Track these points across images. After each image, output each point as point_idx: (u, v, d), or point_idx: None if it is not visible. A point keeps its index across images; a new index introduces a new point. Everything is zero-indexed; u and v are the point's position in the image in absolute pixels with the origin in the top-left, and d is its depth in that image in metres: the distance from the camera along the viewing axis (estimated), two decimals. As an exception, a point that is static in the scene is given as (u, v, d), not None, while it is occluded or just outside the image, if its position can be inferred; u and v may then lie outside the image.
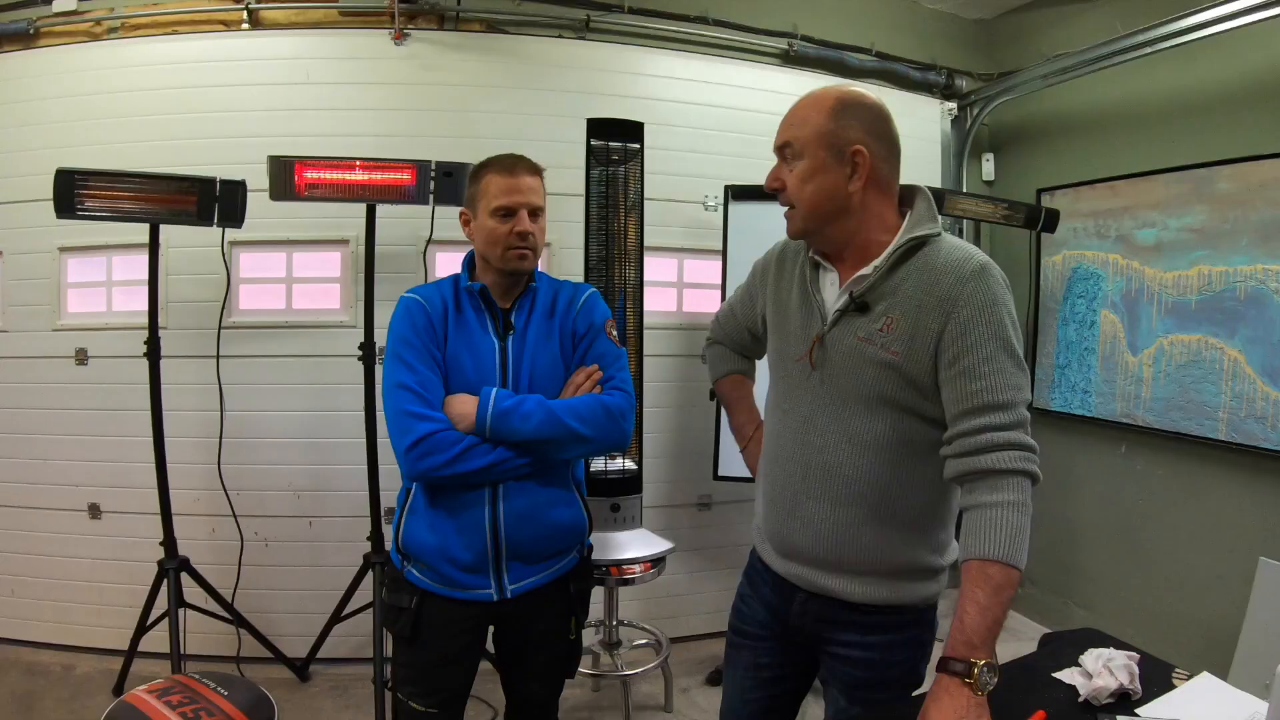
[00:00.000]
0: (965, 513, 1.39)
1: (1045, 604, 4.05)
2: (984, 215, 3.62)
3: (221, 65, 3.29)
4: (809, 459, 1.54)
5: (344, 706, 3.12)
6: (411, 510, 1.84)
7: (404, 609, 1.85)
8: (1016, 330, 1.42)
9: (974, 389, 1.37)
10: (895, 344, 1.44)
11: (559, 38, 3.51)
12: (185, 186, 2.71)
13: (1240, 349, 3.05)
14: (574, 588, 1.97)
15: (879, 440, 1.48)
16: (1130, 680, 1.47)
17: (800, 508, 1.56)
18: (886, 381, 1.45)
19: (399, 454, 1.72)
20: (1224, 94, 3.15)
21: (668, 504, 3.66)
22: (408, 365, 1.75)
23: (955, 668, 1.28)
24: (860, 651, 1.57)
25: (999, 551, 1.31)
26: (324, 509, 3.36)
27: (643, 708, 3.21)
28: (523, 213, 1.81)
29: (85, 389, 3.34)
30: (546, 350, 1.88)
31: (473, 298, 1.88)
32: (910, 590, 1.54)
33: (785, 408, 1.61)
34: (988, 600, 1.30)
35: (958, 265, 1.42)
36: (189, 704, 1.77)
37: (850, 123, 1.46)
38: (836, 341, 1.50)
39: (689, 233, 3.63)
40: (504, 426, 1.73)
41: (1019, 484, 1.35)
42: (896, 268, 1.46)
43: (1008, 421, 1.36)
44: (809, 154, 1.46)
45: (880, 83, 4.00)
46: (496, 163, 1.86)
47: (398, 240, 3.20)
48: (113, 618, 3.24)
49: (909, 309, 1.43)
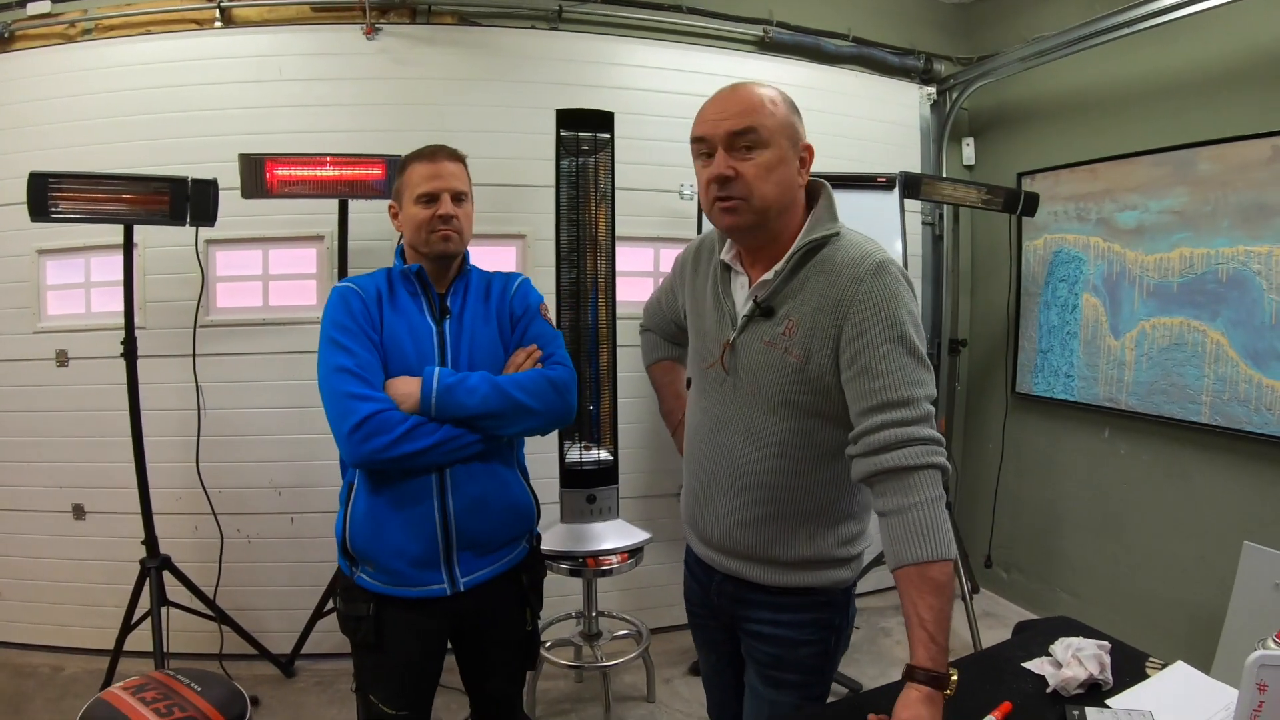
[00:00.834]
0: (883, 518, 1.39)
1: (1028, 589, 4.04)
2: (964, 200, 3.61)
3: (195, 64, 3.29)
4: (719, 458, 1.59)
5: (329, 701, 3.13)
6: (355, 507, 1.80)
7: (362, 618, 1.83)
8: (917, 326, 1.42)
9: (874, 387, 1.38)
10: (796, 347, 1.46)
11: (532, 29, 3.50)
12: (157, 187, 2.71)
13: (1222, 331, 3.03)
14: (526, 579, 1.97)
15: (784, 442, 1.51)
16: (1100, 670, 1.47)
17: (712, 502, 1.62)
18: (790, 385, 1.47)
19: (341, 438, 1.68)
20: (1204, 75, 3.13)
21: (645, 494, 3.66)
22: (345, 349, 1.73)
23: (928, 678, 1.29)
24: (771, 629, 1.60)
25: (930, 552, 1.32)
26: (305, 505, 3.37)
27: (625, 698, 3.21)
28: (445, 197, 1.81)
29: (67, 390, 3.34)
30: (485, 332, 1.88)
31: (408, 282, 1.87)
32: (819, 576, 1.57)
33: (702, 406, 1.65)
34: (938, 601, 1.31)
35: (853, 264, 1.43)
36: (163, 700, 1.78)
37: (799, 118, 1.47)
38: (745, 347, 1.53)
39: (664, 222, 3.63)
40: (450, 401, 1.71)
41: (929, 478, 1.35)
42: (797, 270, 1.48)
43: (910, 417, 1.36)
44: (775, 143, 1.43)
45: (858, 68, 3.99)
46: (419, 153, 1.87)
47: (372, 235, 3.20)
48: (99, 618, 3.25)
49: (808, 311, 1.45)
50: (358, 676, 2.01)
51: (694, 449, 1.68)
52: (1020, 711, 1.38)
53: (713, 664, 1.86)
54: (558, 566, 2.84)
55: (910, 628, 1.32)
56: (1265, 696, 1.10)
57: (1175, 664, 1.54)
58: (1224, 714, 1.33)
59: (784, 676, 1.61)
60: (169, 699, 1.79)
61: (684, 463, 1.76)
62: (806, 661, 1.60)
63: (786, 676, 1.61)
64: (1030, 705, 1.42)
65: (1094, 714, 1.36)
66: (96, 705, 1.78)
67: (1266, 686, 1.10)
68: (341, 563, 1.88)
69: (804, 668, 1.61)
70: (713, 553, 1.67)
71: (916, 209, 4.07)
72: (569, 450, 2.92)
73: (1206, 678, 1.51)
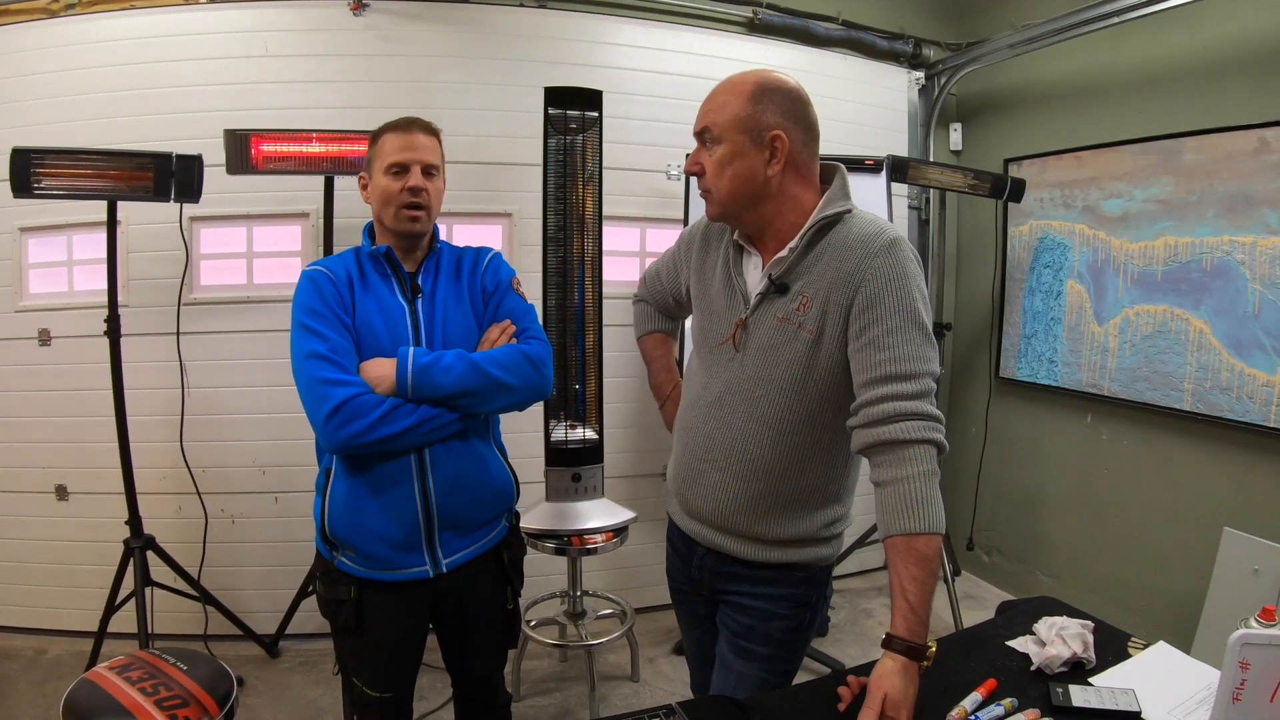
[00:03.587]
0: (878, 489, 1.42)
1: (1011, 572, 4.09)
2: (951, 185, 3.61)
3: (180, 40, 3.23)
4: (717, 433, 1.60)
5: (314, 681, 3.13)
6: (333, 492, 1.78)
7: (343, 601, 1.82)
8: (926, 303, 1.45)
9: (879, 359, 1.40)
10: (810, 322, 1.47)
11: (520, 6, 3.47)
12: (141, 163, 2.68)
13: (1206, 320, 3.06)
14: (507, 557, 1.98)
15: (785, 421, 1.52)
16: (1084, 649, 1.49)
17: (704, 476, 1.63)
18: (800, 364, 1.49)
19: (317, 425, 1.66)
20: (1191, 65, 3.14)
21: (630, 474, 3.67)
22: (317, 334, 1.70)
23: (905, 648, 1.31)
24: (749, 600, 1.64)
25: (919, 524, 1.35)
26: (289, 484, 3.35)
27: (609, 678, 3.23)
28: (415, 169, 1.78)
29: (49, 369, 3.31)
30: (458, 311, 1.86)
31: (377, 262, 1.84)
32: (801, 553, 1.61)
33: (704, 381, 1.66)
34: (922, 573, 1.34)
35: (867, 240, 1.45)
36: (149, 679, 1.77)
37: (768, 107, 1.47)
38: (758, 324, 1.55)
39: (651, 202, 3.62)
40: (426, 382, 1.69)
41: (924, 453, 1.38)
42: (811, 247, 1.50)
43: (912, 391, 1.39)
44: (727, 139, 1.48)
45: (847, 51, 3.98)
46: (392, 124, 1.85)
47: (358, 213, 3.12)
48: (83, 599, 3.22)
49: (821, 286, 1.47)
50: (340, 659, 2.01)
51: (689, 422, 1.68)
52: (1005, 688, 1.40)
53: (696, 639, 1.88)
54: (543, 545, 2.85)
55: (893, 597, 1.35)
56: (1247, 674, 1.12)
57: (1157, 644, 1.57)
58: (1205, 693, 1.36)
59: (754, 648, 1.64)
60: (155, 678, 1.78)
61: (675, 434, 1.77)
62: (777, 635, 1.63)
63: (756, 648, 1.64)
64: (1014, 682, 1.43)
65: (1077, 691, 1.38)
66: (81, 686, 1.77)
67: (1249, 664, 1.12)
68: (321, 547, 1.86)
69: (774, 641, 1.64)
70: (698, 525, 1.68)
71: (903, 193, 4.08)
72: (554, 429, 2.92)
73: (1188, 658, 1.54)
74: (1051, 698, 1.37)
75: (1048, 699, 1.37)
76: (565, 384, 2.94)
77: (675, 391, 1.97)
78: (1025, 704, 1.35)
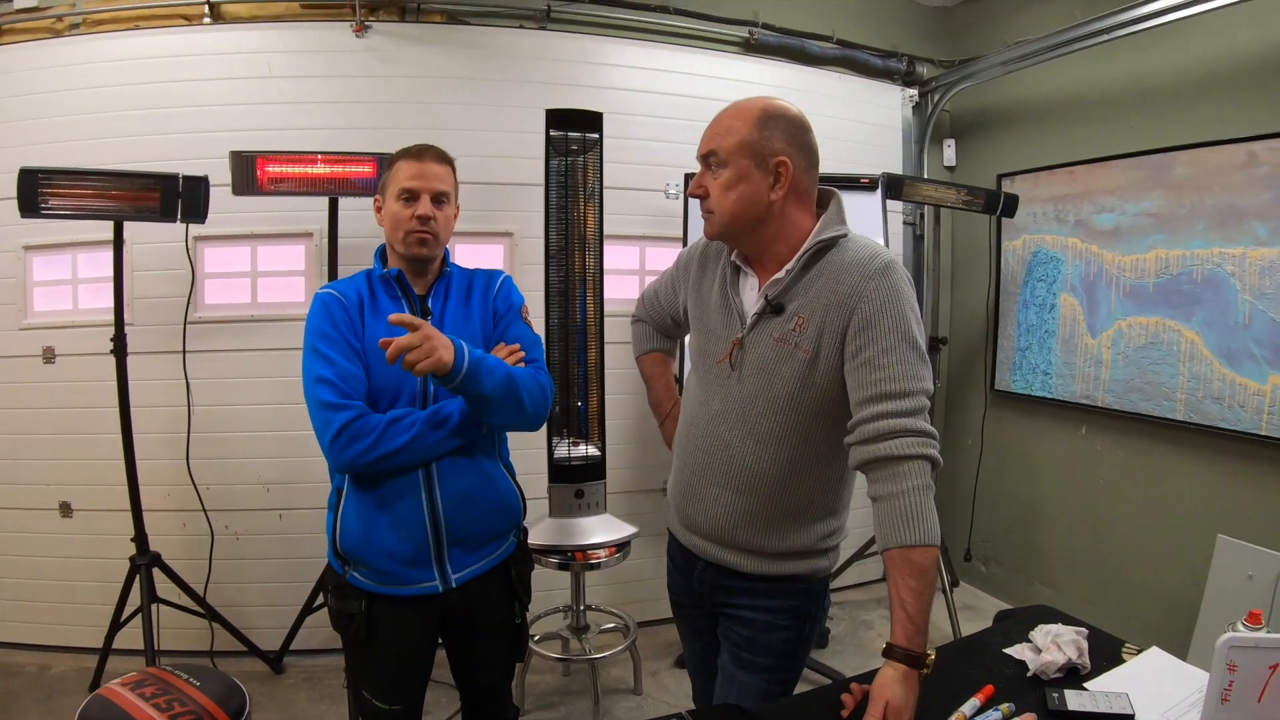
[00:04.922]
0: (875, 504, 1.46)
1: (1008, 582, 4.11)
2: (945, 200, 3.66)
3: (183, 60, 3.28)
4: (716, 449, 1.64)
5: (318, 698, 3.14)
6: (345, 510, 1.82)
7: (354, 615, 1.84)
8: (919, 324, 1.50)
9: (875, 378, 1.44)
10: (806, 342, 1.51)
11: (520, 28, 3.52)
12: (148, 183, 2.71)
13: (1197, 331, 3.10)
14: (515, 571, 2.00)
15: (782, 438, 1.57)
16: (1079, 655, 1.53)
17: (703, 491, 1.67)
18: (796, 382, 1.53)
19: (325, 448, 1.70)
20: (1181, 81, 3.19)
21: (632, 490, 3.69)
22: (325, 359, 1.74)
23: (904, 657, 1.35)
24: (749, 612, 1.67)
25: (915, 537, 1.39)
26: (294, 501, 3.37)
27: (613, 691, 3.25)
28: (425, 197, 1.82)
29: (53, 387, 3.33)
30: (466, 334, 1.86)
31: (389, 285, 1.88)
32: (799, 565, 1.64)
33: (702, 399, 1.69)
34: (919, 584, 1.38)
35: (863, 264, 1.50)
36: (162, 695, 1.76)
37: (774, 133, 1.51)
38: (754, 344, 1.58)
39: (650, 221, 3.66)
40: (479, 371, 1.66)
41: (919, 468, 1.42)
42: (807, 270, 1.54)
43: (906, 409, 1.43)
44: (733, 163, 1.52)
45: (842, 70, 4.04)
46: (407, 150, 1.89)
47: (361, 232, 3.16)
48: (87, 616, 3.24)
49: (817, 307, 1.51)
50: (350, 672, 2.02)
51: (689, 438, 1.72)
52: (1002, 694, 1.43)
53: (697, 652, 1.91)
54: (546, 560, 2.87)
55: (892, 608, 1.39)
56: (1235, 676, 1.16)
57: (1150, 649, 1.60)
58: (1197, 695, 1.38)
59: (755, 659, 1.67)
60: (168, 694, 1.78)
61: (675, 450, 1.81)
62: (777, 645, 1.67)
63: (757, 659, 1.67)
64: (1011, 688, 1.47)
65: (1072, 696, 1.41)
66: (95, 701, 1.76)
67: (1236, 667, 1.15)
68: (333, 562, 1.89)
69: (774, 651, 1.67)
70: (698, 540, 1.72)
71: (898, 209, 4.13)
72: (557, 446, 2.95)
73: (1180, 662, 1.57)
74: (1047, 702, 1.40)
75: (1044, 703, 1.40)
76: (568, 400, 2.97)
77: (674, 409, 2.00)
78: (1022, 708, 1.38)
